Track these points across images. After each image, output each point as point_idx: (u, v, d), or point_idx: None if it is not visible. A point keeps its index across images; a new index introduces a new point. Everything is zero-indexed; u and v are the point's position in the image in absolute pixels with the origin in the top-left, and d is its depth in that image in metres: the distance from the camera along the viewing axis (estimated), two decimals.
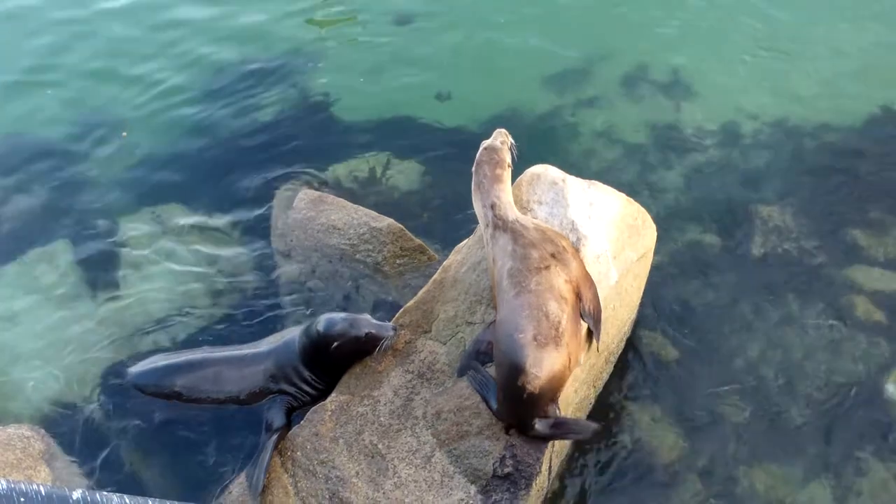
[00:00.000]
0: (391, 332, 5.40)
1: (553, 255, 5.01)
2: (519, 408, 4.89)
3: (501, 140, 5.55)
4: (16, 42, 9.62)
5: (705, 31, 9.27)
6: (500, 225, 5.17)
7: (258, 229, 7.34)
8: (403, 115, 8.52)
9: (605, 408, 6.05)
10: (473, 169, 5.46)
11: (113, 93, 8.97)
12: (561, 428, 5.00)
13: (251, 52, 9.41)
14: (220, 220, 7.53)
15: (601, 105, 8.54)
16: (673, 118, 8.35)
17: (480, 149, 5.52)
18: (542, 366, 4.74)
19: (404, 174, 7.77)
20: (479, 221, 5.42)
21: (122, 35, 9.70)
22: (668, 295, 6.76)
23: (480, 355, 5.21)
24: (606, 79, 8.81)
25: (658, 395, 6.20)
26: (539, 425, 4.93)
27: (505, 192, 5.34)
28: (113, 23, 9.87)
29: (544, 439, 5.01)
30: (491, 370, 5.12)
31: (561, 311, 4.86)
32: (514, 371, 4.74)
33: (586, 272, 5.16)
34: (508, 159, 5.47)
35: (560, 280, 4.95)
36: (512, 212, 5.26)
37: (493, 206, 5.25)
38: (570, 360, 4.91)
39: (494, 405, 5.03)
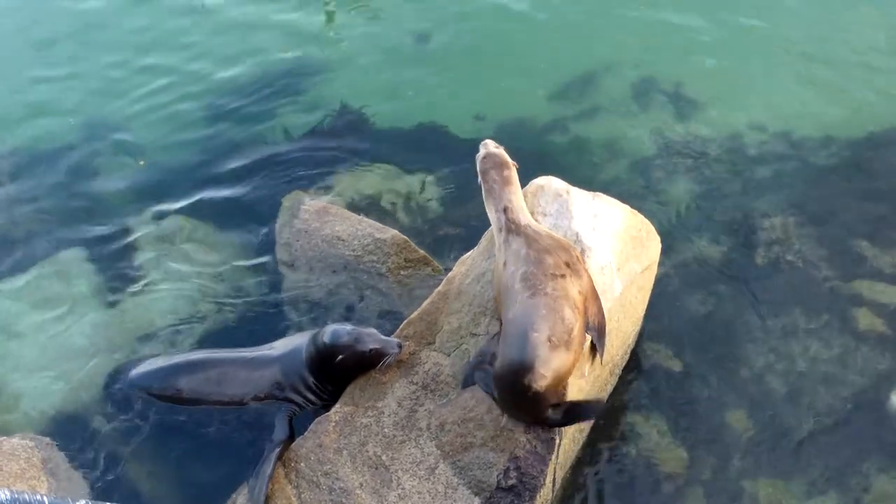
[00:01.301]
0: (396, 350, 5.41)
1: (567, 265, 5.01)
2: (522, 404, 4.91)
3: (495, 145, 5.59)
4: (27, 53, 9.68)
5: (711, 43, 9.28)
6: (514, 229, 5.17)
7: (262, 239, 7.35)
8: (407, 128, 8.51)
9: (609, 421, 6.04)
10: (480, 178, 5.47)
11: (122, 104, 8.99)
12: (571, 413, 4.99)
13: (260, 64, 9.44)
14: (225, 229, 7.55)
15: (606, 116, 8.55)
16: (678, 129, 8.36)
17: (479, 161, 5.54)
18: (551, 366, 4.74)
19: (408, 187, 7.77)
20: (493, 227, 5.40)
21: (134, 43, 9.75)
22: (673, 306, 6.75)
23: (484, 367, 5.21)
24: (612, 90, 8.82)
25: (662, 406, 6.18)
26: (552, 413, 4.93)
27: (516, 195, 5.35)
28: (122, 32, 9.92)
29: (559, 426, 5.02)
30: None
31: (574, 318, 4.87)
32: (522, 368, 4.73)
33: (593, 285, 5.15)
34: (509, 159, 5.49)
35: (574, 290, 4.96)
36: (524, 216, 5.26)
37: (505, 210, 5.26)
38: (574, 365, 4.93)
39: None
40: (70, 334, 6.70)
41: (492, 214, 5.39)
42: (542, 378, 4.72)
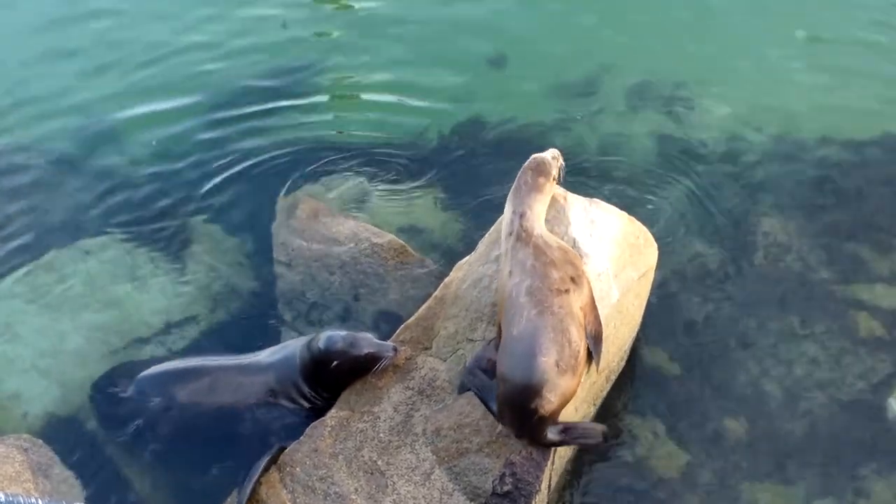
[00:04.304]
0: (390, 353, 5.41)
1: (573, 279, 4.98)
2: (526, 425, 4.89)
3: (553, 156, 5.51)
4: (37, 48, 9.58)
5: (709, 45, 9.22)
6: (524, 237, 5.10)
7: (259, 238, 7.31)
8: (403, 131, 8.42)
9: (606, 424, 5.94)
10: (518, 174, 5.41)
11: (121, 100, 8.89)
12: (570, 433, 5.02)
13: (262, 66, 9.35)
14: (221, 229, 7.52)
15: (601, 120, 8.47)
16: (676, 132, 8.30)
17: (530, 158, 5.48)
18: (558, 392, 4.74)
19: (406, 191, 7.72)
20: (503, 228, 5.33)
21: (142, 36, 9.66)
22: (670, 311, 6.71)
23: (479, 373, 5.20)
24: (609, 93, 8.75)
25: (659, 411, 6.16)
26: (551, 433, 4.94)
27: (539, 203, 5.27)
28: (132, 24, 9.85)
29: (555, 445, 5.04)
30: None
31: (580, 338, 4.86)
32: (529, 392, 4.71)
33: (592, 294, 5.14)
34: (554, 172, 5.42)
35: (577, 306, 4.94)
36: (539, 226, 5.19)
37: (522, 215, 5.18)
38: (578, 386, 4.95)
39: (495, 409, 5.03)
40: (66, 335, 6.65)
41: (507, 214, 5.32)
42: (550, 403, 4.73)
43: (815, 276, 6.97)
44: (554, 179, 5.44)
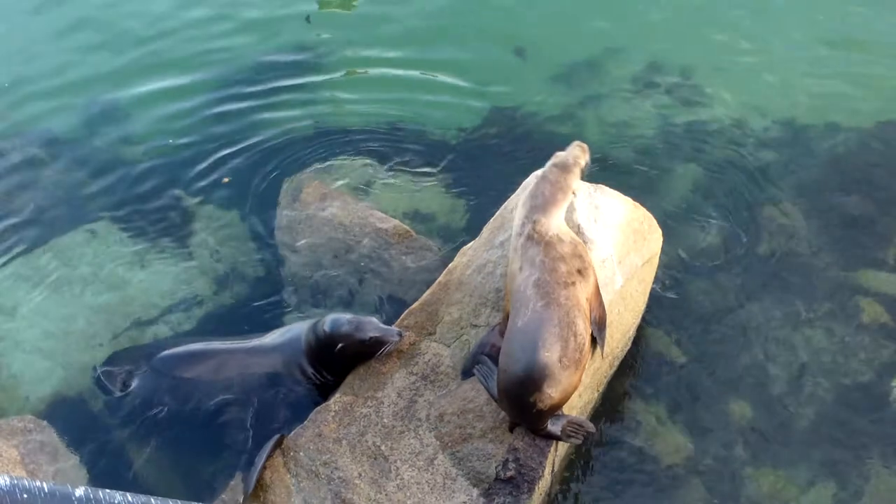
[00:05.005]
0: (395, 338, 5.42)
1: (579, 271, 4.95)
2: (525, 417, 4.92)
3: (575, 156, 5.33)
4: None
5: (716, 31, 9.16)
6: (536, 238, 5.03)
7: (265, 221, 7.32)
8: (408, 118, 8.36)
9: (609, 410, 6.03)
10: (539, 176, 5.29)
11: (126, 80, 8.88)
12: (567, 430, 5.01)
13: (274, 44, 9.32)
14: (227, 212, 7.50)
15: (608, 106, 8.44)
16: (681, 118, 8.26)
17: (552, 160, 5.33)
18: (559, 387, 4.73)
19: (411, 176, 7.69)
20: (514, 226, 5.26)
21: (151, 21, 9.60)
22: (674, 297, 6.70)
23: (485, 358, 5.20)
24: (614, 79, 8.70)
25: (662, 396, 6.15)
26: (551, 425, 4.94)
27: (555, 217, 5.13)
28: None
29: (554, 438, 5.03)
30: None
31: (586, 331, 4.85)
32: (530, 386, 4.70)
33: (597, 282, 5.13)
34: (574, 186, 5.29)
35: (583, 297, 4.93)
36: (554, 226, 5.08)
37: (536, 222, 5.08)
38: (580, 380, 4.94)
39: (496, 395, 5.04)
40: (70, 317, 6.67)
41: (519, 216, 5.23)
42: (550, 398, 4.72)
43: (819, 262, 6.95)
44: (574, 193, 5.30)
